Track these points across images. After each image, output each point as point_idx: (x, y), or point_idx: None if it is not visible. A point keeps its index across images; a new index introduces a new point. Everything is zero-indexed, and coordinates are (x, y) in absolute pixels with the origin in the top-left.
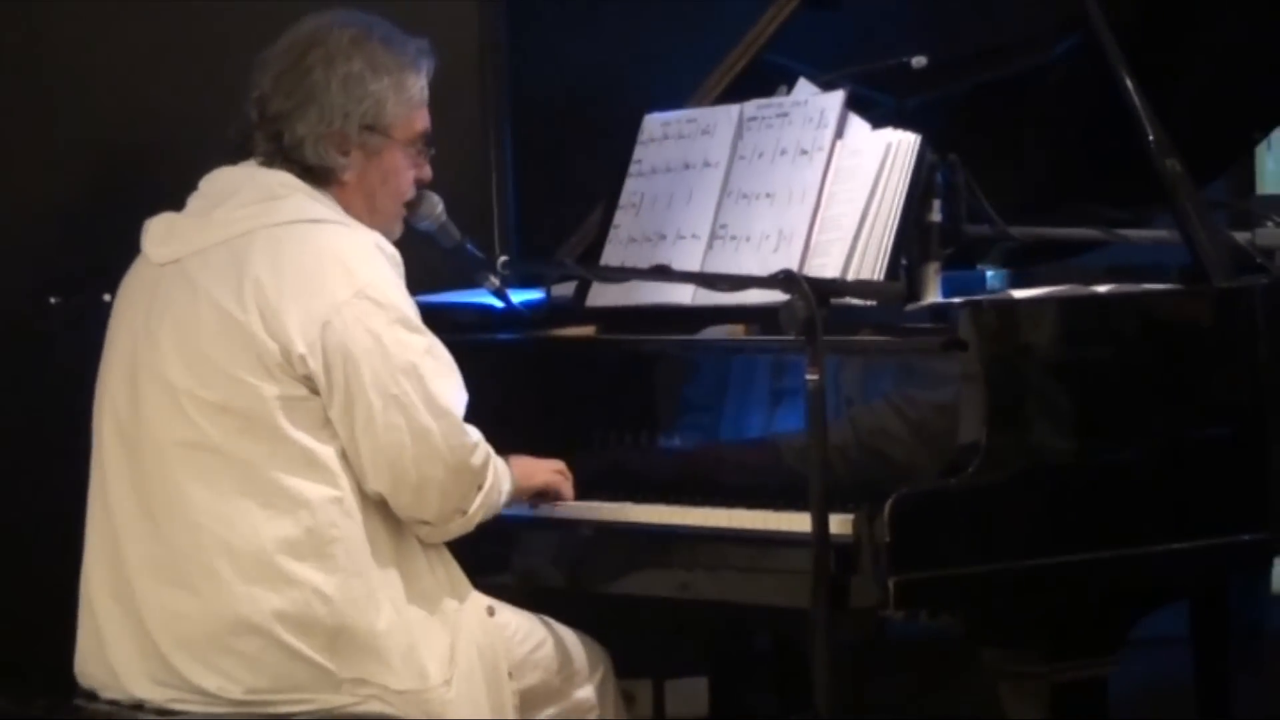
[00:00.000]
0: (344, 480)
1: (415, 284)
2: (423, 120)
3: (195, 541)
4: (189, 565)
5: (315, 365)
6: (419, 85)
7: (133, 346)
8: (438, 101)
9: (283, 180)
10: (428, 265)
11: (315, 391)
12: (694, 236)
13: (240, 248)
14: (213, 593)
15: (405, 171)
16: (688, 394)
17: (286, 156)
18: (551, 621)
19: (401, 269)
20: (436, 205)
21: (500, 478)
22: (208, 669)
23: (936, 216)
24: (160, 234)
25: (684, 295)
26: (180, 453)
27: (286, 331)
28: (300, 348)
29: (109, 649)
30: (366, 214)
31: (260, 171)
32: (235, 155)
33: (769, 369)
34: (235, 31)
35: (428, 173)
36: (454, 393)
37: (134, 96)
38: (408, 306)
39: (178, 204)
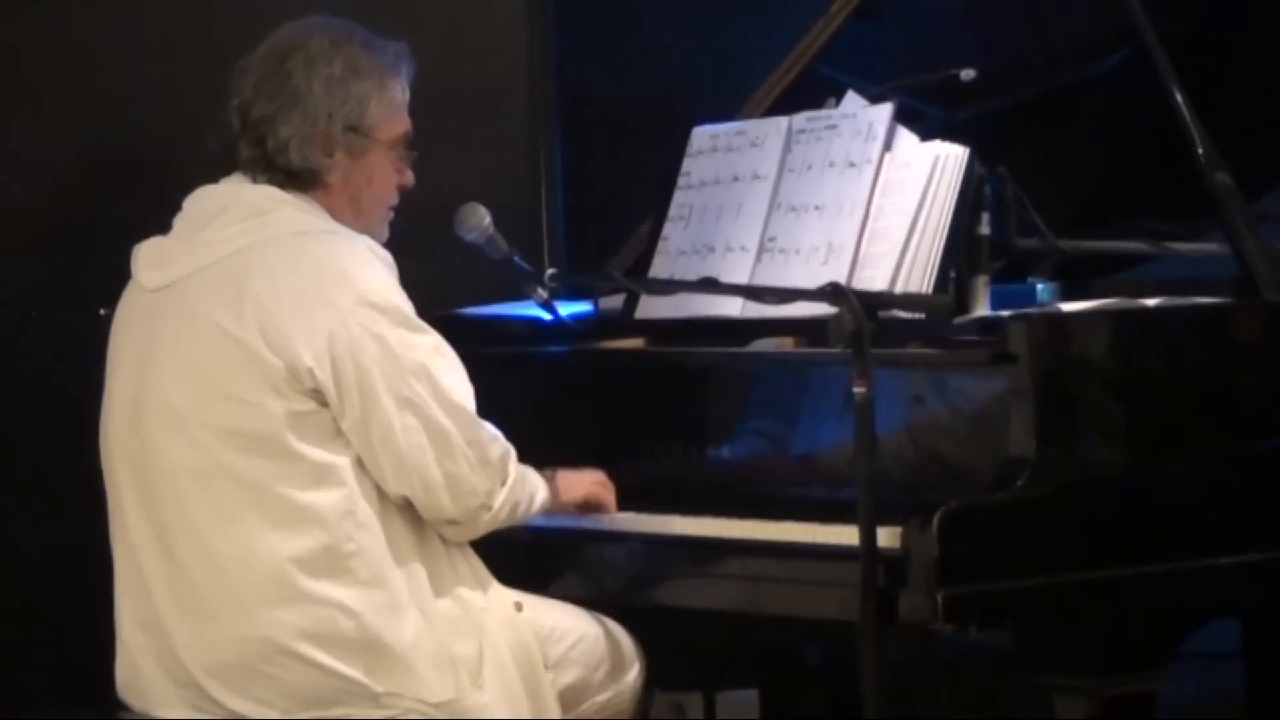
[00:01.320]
0: (357, 491)
1: (463, 296)
2: (404, 123)
3: (214, 568)
4: (210, 592)
5: (324, 376)
6: (400, 87)
7: (134, 375)
8: (487, 112)
9: (269, 194)
10: (476, 277)
11: (324, 404)
12: (743, 249)
13: (235, 266)
14: (237, 618)
15: (389, 175)
16: (736, 406)
17: (270, 163)
18: (589, 615)
19: (396, 271)
20: (484, 217)
21: (528, 479)
22: (243, 695)
23: (985, 229)
24: (151, 259)
25: (732, 308)
26: (191, 479)
27: (291, 346)
28: (307, 360)
29: (144, 679)
30: (352, 217)
31: (245, 188)
32: (217, 166)
33: (817, 381)
34: (229, 38)
35: (410, 178)
36: (464, 388)
37: (125, 104)
38: (409, 308)
39: (170, 210)
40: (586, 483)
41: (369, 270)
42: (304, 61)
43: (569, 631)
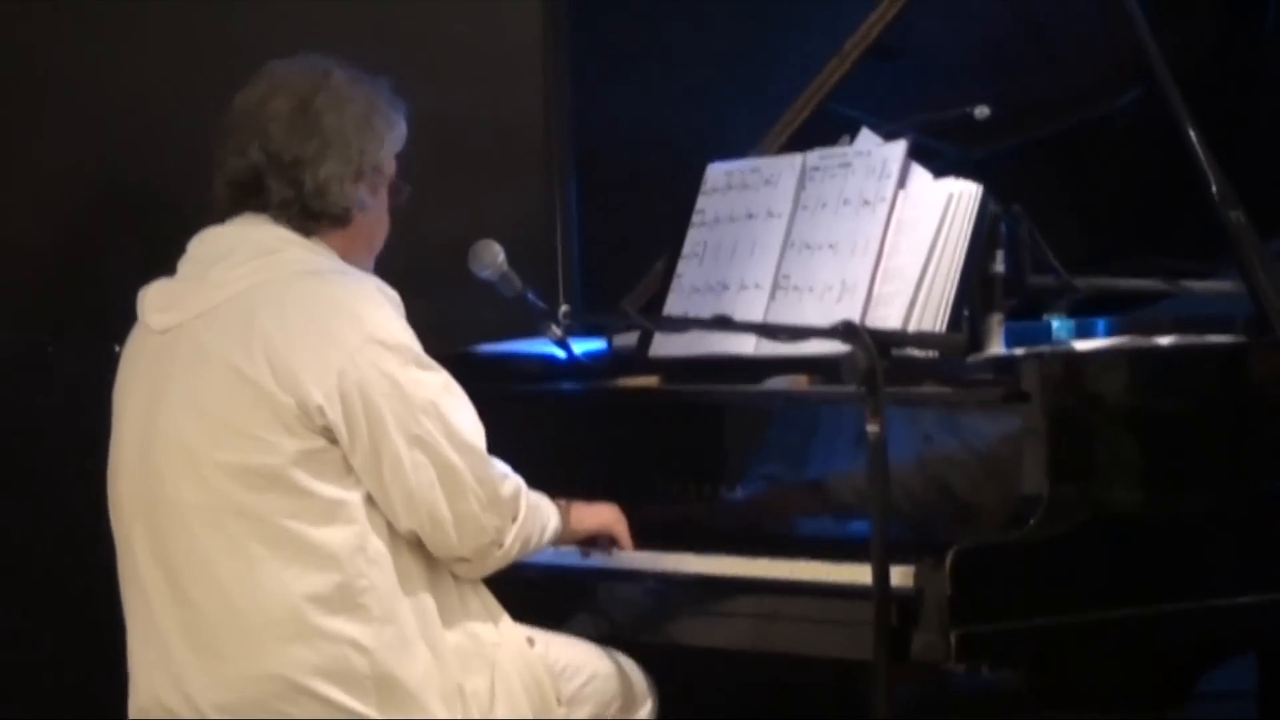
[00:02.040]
0: (368, 527)
1: (477, 334)
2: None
3: (225, 606)
4: (222, 630)
5: (334, 415)
6: (402, 125)
7: (143, 416)
8: (502, 150)
9: (276, 234)
10: (490, 315)
11: (334, 442)
12: (757, 287)
13: (244, 306)
14: (250, 656)
15: (386, 212)
16: (749, 444)
17: (304, 203)
18: (602, 651)
19: (403, 310)
20: (498, 254)
21: (539, 512)
22: None
23: (999, 267)
24: (158, 301)
25: (746, 346)
26: (201, 517)
27: (301, 384)
28: (318, 398)
29: (157, 717)
30: (366, 253)
31: (252, 228)
32: (232, 205)
33: (830, 420)
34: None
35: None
36: (475, 426)
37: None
38: (418, 346)
39: (183, 238)
40: (598, 513)
41: (377, 309)
42: (332, 101)
43: (582, 668)
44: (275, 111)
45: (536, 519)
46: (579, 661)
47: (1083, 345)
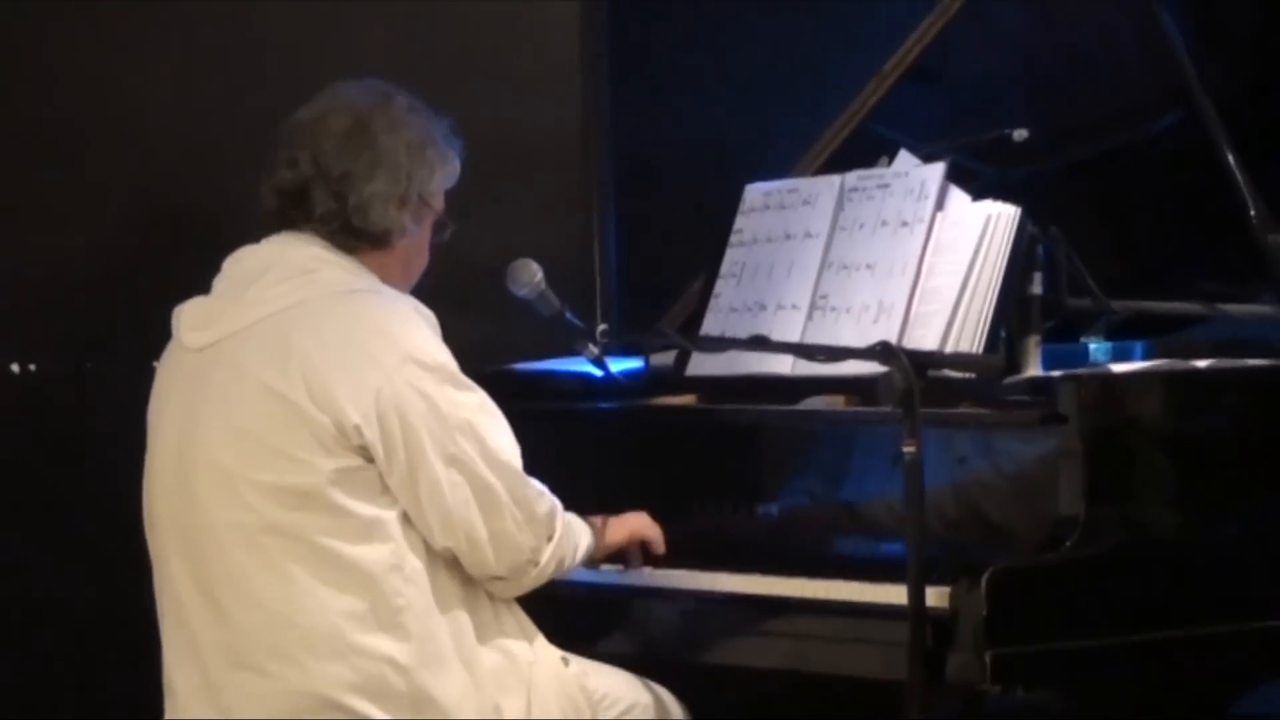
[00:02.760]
0: (405, 545)
1: (515, 352)
2: (442, 198)
3: (262, 623)
4: (259, 648)
5: (371, 435)
6: (456, 163)
7: (178, 435)
8: (540, 169)
9: (313, 254)
10: (527, 333)
11: (371, 461)
12: (794, 307)
13: (280, 324)
14: (287, 673)
15: (427, 243)
16: (786, 464)
17: (346, 219)
18: (639, 681)
19: (439, 329)
20: (536, 273)
21: (573, 530)
22: None
23: (1037, 289)
24: (194, 319)
25: (783, 365)
26: (238, 535)
27: (338, 403)
28: (355, 418)
29: None
30: (402, 280)
31: (288, 247)
32: (277, 214)
33: (867, 440)
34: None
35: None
36: (511, 445)
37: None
38: (454, 365)
39: (222, 256)
40: (630, 522)
41: (414, 328)
42: (388, 125)
43: (621, 699)
44: (331, 127)
45: (571, 538)
46: (618, 692)
47: (1119, 368)
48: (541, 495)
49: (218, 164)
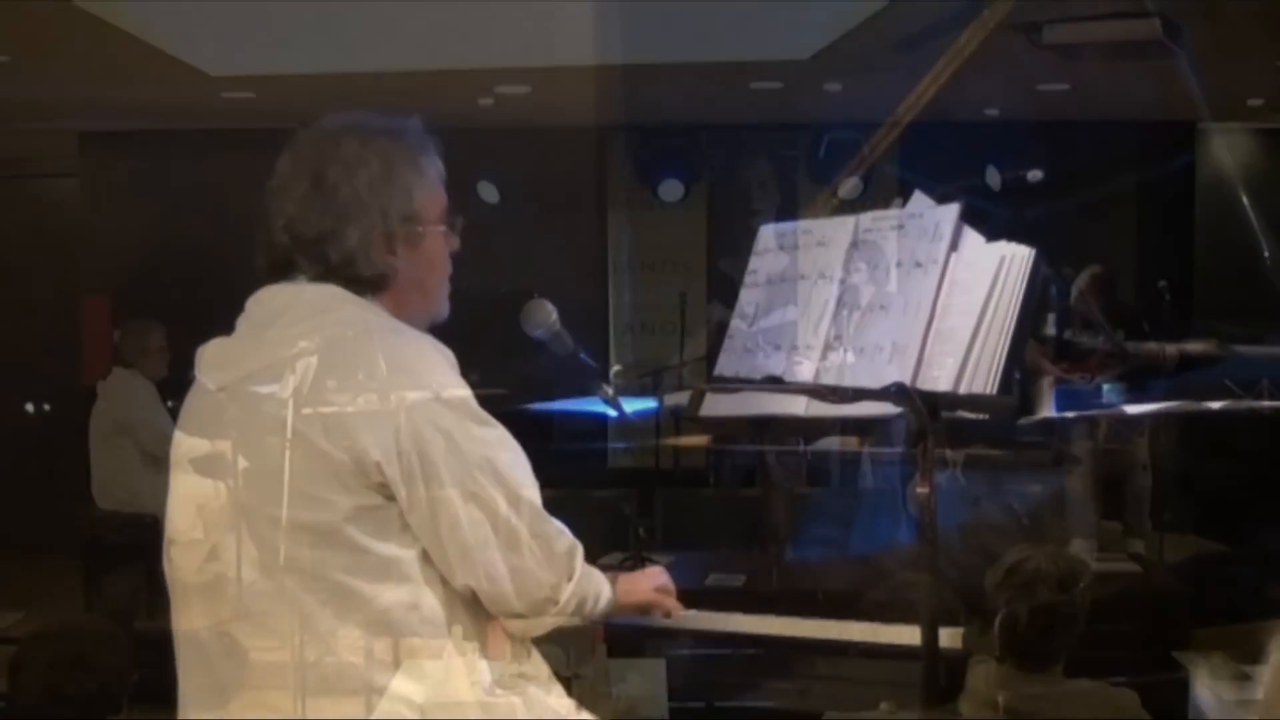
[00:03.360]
0: (423, 585)
1: (529, 392)
2: (443, 196)
3: (280, 660)
4: (276, 685)
5: (392, 472)
6: (434, 165)
7: (198, 474)
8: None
9: (331, 294)
10: (541, 373)
11: (390, 498)
12: (808, 347)
13: (298, 364)
14: (303, 710)
15: (443, 251)
16: (799, 505)
17: (337, 273)
18: None
19: (457, 366)
20: (551, 314)
21: (594, 577)
22: None
23: (1051, 330)
24: (215, 360)
25: (797, 406)
26: (256, 572)
27: (357, 441)
28: (375, 455)
29: None
30: (421, 303)
31: (307, 288)
32: (274, 272)
33: (881, 480)
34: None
35: (455, 242)
36: (530, 482)
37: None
38: (473, 401)
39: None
40: (646, 587)
41: (432, 366)
42: (342, 171)
43: None
44: (293, 192)
45: (593, 583)
46: None
47: (1133, 409)
48: (561, 533)
49: (242, 196)
